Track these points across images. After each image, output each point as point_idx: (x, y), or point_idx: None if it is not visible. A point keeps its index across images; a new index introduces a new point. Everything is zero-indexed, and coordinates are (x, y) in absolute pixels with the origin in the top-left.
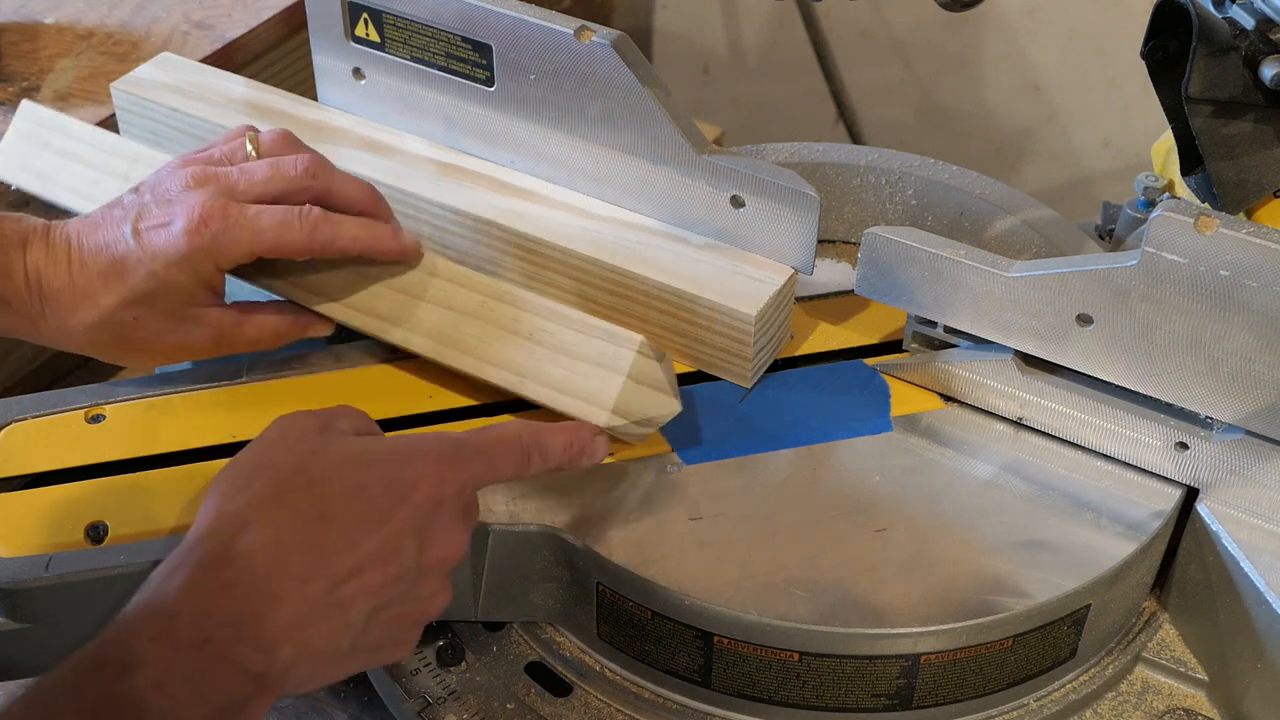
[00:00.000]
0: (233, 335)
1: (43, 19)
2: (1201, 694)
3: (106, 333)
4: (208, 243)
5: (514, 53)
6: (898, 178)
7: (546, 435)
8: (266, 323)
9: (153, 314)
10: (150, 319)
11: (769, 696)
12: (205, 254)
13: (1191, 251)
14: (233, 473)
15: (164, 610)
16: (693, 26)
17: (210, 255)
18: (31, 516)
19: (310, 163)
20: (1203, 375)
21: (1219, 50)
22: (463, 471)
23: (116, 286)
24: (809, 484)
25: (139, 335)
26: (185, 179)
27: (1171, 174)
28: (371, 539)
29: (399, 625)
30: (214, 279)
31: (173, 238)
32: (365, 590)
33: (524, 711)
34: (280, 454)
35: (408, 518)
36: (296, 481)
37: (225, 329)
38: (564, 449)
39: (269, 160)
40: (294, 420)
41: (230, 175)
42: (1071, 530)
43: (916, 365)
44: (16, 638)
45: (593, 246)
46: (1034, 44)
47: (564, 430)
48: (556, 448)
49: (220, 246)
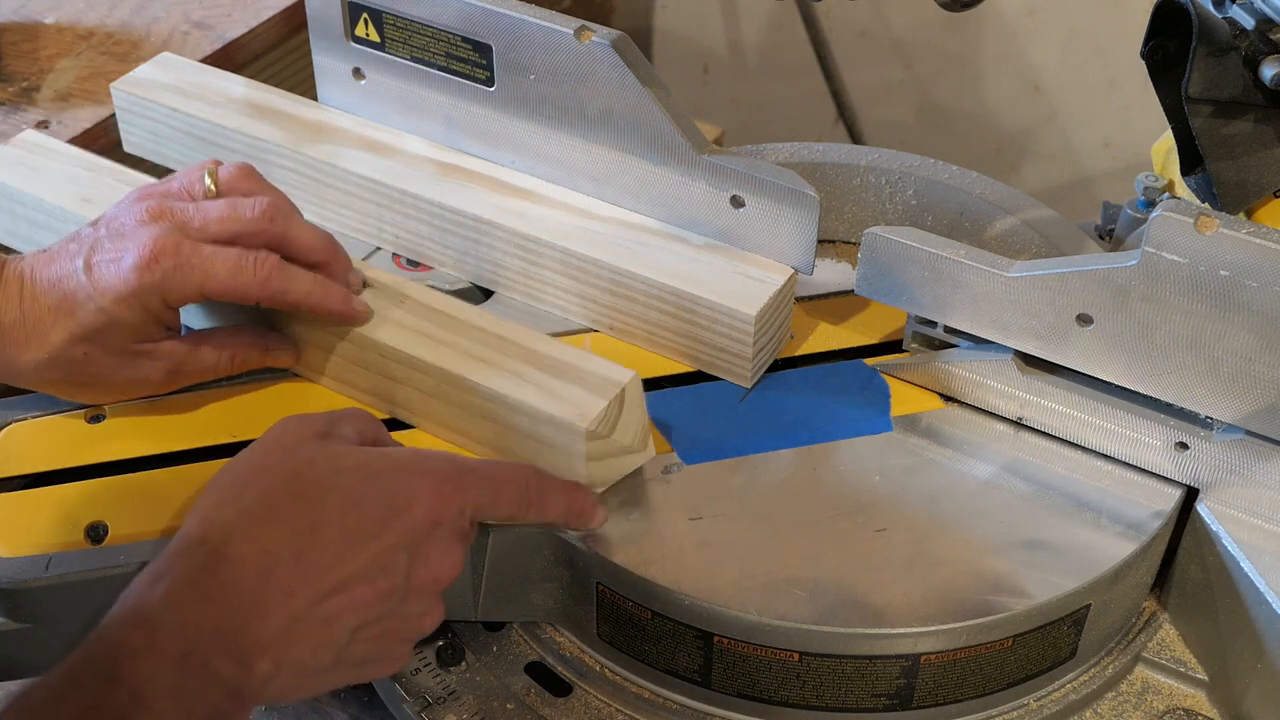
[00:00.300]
0: (189, 364)
1: (43, 19)
2: (1201, 694)
3: (57, 370)
4: (158, 280)
5: (514, 53)
6: (898, 178)
7: (550, 490)
8: (224, 345)
9: (103, 350)
10: (100, 355)
11: (769, 696)
12: (154, 291)
13: (1191, 251)
14: (227, 478)
15: (148, 620)
16: (693, 26)
17: (159, 292)
18: (31, 516)
19: (268, 206)
20: (1203, 375)
21: (1219, 50)
22: (464, 495)
23: (66, 322)
24: (809, 484)
25: (90, 371)
26: (140, 213)
27: (1171, 174)
28: (362, 554)
29: (385, 642)
30: (164, 315)
31: (123, 273)
32: (351, 605)
33: (524, 711)
34: (276, 461)
35: (401, 534)
36: (289, 491)
37: (180, 359)
38: (563, 509)
39: (227, 200)
40: (295, 424)
41: (186, 211)
42: (1071, 530)
43: (916, 365)
44: (16, 638)
45: (593, 246)
46: (1034, 44)
47: (568, 490)
48: (557, 505)
49: (170, 284)
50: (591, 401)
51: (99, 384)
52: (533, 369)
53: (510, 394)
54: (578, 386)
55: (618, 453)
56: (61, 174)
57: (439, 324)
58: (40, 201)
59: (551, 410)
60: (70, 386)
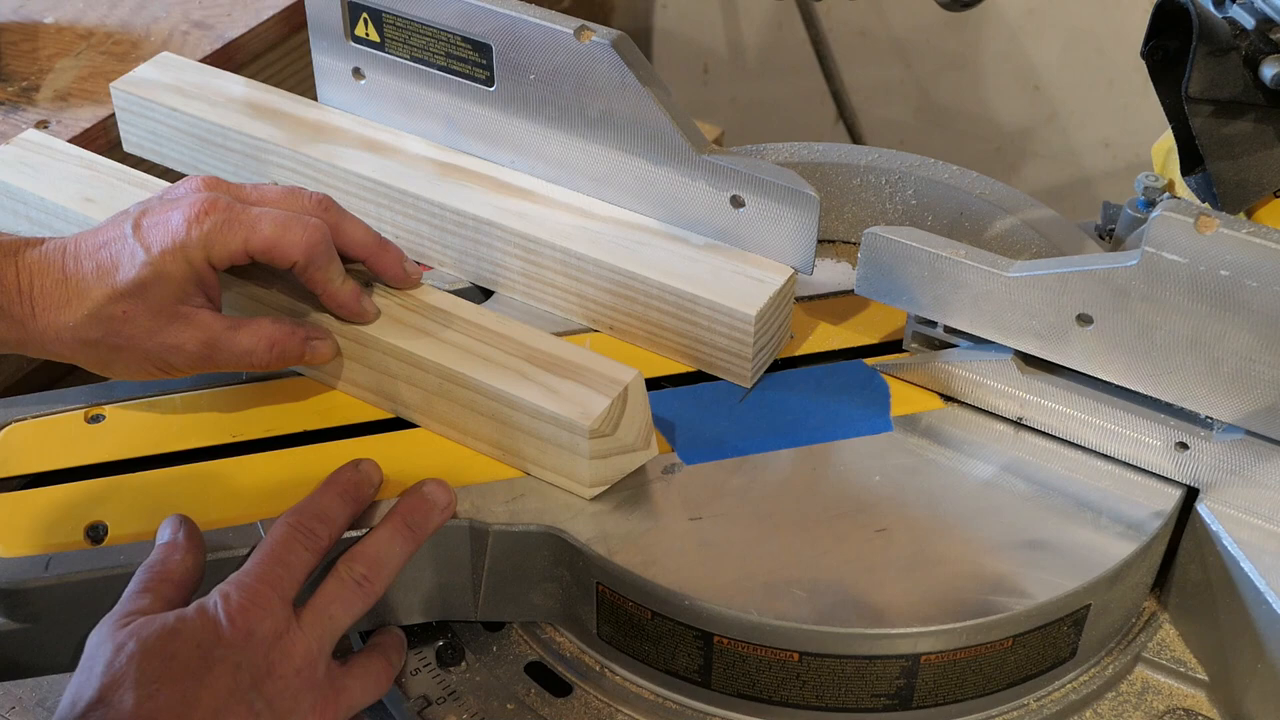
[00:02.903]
0: (225, 342)
1: (42, 19)
2: (1201, 694)
3: (95, 329)
4: (205, 232)
5: (514, 52)
6: (898, 178)
7: (317, 504)
8: (263, 331)
9: (143, 308)
10: (140, 314)
11: (769, 696)
12: (201, 244)
13: (1191, 251)
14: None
15: None
16: (693, 26)
17: (204, 246)
18: (31, 516)
19: (325, 198)
20: (1203, 375)
21: (1219, 50)
22: (260, 600)
23: (109, 279)
24: (809, 484)
25: (127, 333)
26: (197, 184)
27: (1171, 174)
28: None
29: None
30: (207, 275)
31: (170, 227)
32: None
33: (524, 711)
34: (92, 674)
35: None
36: (110, 687)
37: (216, 334)
38: (341, 499)
39: (285, 187)
40: (101, 631)
41: (243, 189)
42: (1071, 530)
43: (916, 365)
44: (16, 638)
45: (593, 246)
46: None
47: (330, 486)
48: (333, 507)
49: (216, 238)
50: (595, 400)
51: (132, 350)
52: (535, 367)
53: (513, 392)
54: (581, 385)
55: (621, 451)
56: (63, 173)
57: (441, 322)
58: (42, 200)
59: (554, 409)
60: (105, 350)
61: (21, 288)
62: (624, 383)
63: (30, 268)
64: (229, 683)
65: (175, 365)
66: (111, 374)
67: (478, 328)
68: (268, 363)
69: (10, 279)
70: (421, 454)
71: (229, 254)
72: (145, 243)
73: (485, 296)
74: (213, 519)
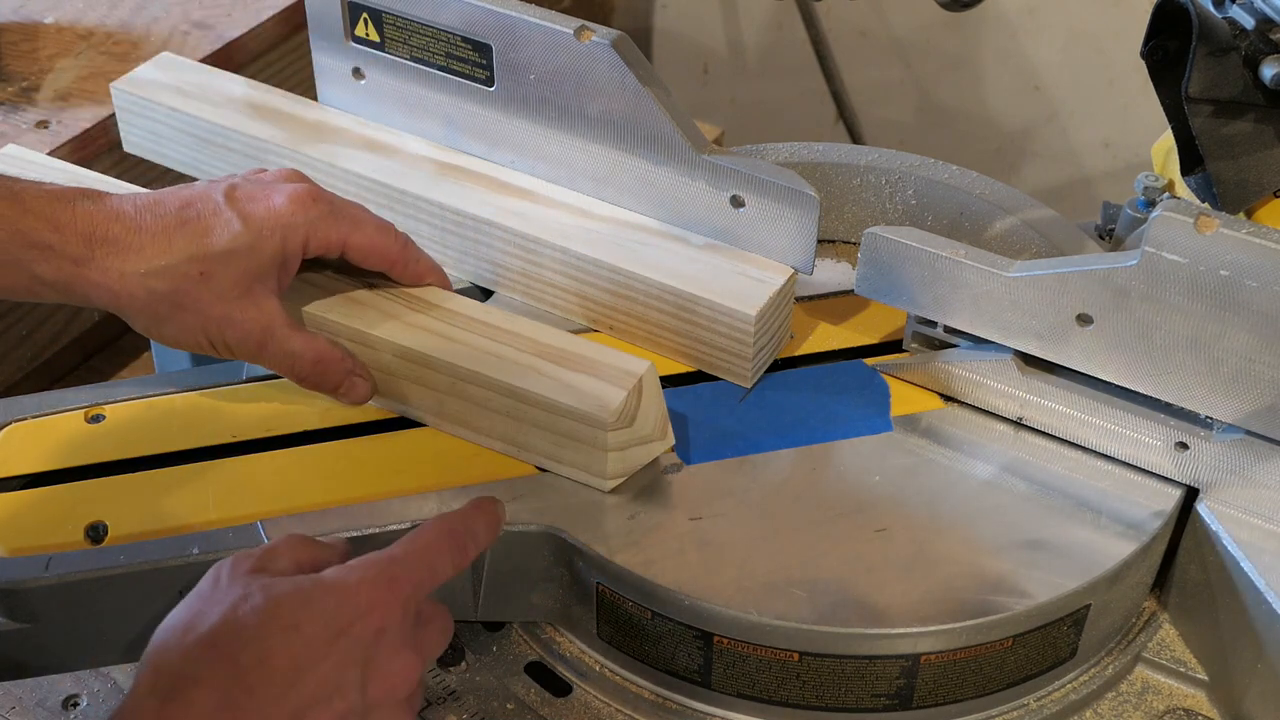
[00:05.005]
0: (281, 337)
1: (42, 19)
2: (1201, 694)
3: (165, 282)
4: (312, 218)
5: (514, 53)
6: (898, 178)
7: (469, 521)
8: (316, 344)
9: (223, 274)
10: (218, 279)
11: (769, 696)
12: (303, 228)
13: (1191, 251)
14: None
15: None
16: (693, 26)
17: (305, 230)
18: (31, 516)
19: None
20: (1203, 375)
21: (1219, 50)
22: (399, 591)
23: (196, 237)
24: (809, 484)
25: (197, 294)
26: (286, 173)
27: (1171, 174)
28: (310, 679)
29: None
30: (293, 260)
31: (273, 205)
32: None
33: (524, 711)
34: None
35: (348, 652)
36: (230, 629)
37: (277, 325)
38: (486, 529)
39: None
40: (229, 565)
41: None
42: (1071, 530)
43: (916, 365)
44: (16, 638)
45: (593, 246)
46: (1034, 44)
47: (479, 509)
48: (481, 530)
49: (320, 226)
50: (611, 393)
51: (194, 313)
52: (548, 363)
53: (530, 389)
54: (595, 378)
55: (639, 442)
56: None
57: (448, 321)
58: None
59: (573, 403)
60: (166, 306)
61: (79, 229)
62: (638, 374)
63: (91, 214)
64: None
65: (226, 342)
66: (159, 333)
67: (484, 325)
68: (305, 375)
69: (67, 220)
70: (422, 454)
71: (325, 244)
72: (243, 213)
73: (485, 296)
74: (213, 519)
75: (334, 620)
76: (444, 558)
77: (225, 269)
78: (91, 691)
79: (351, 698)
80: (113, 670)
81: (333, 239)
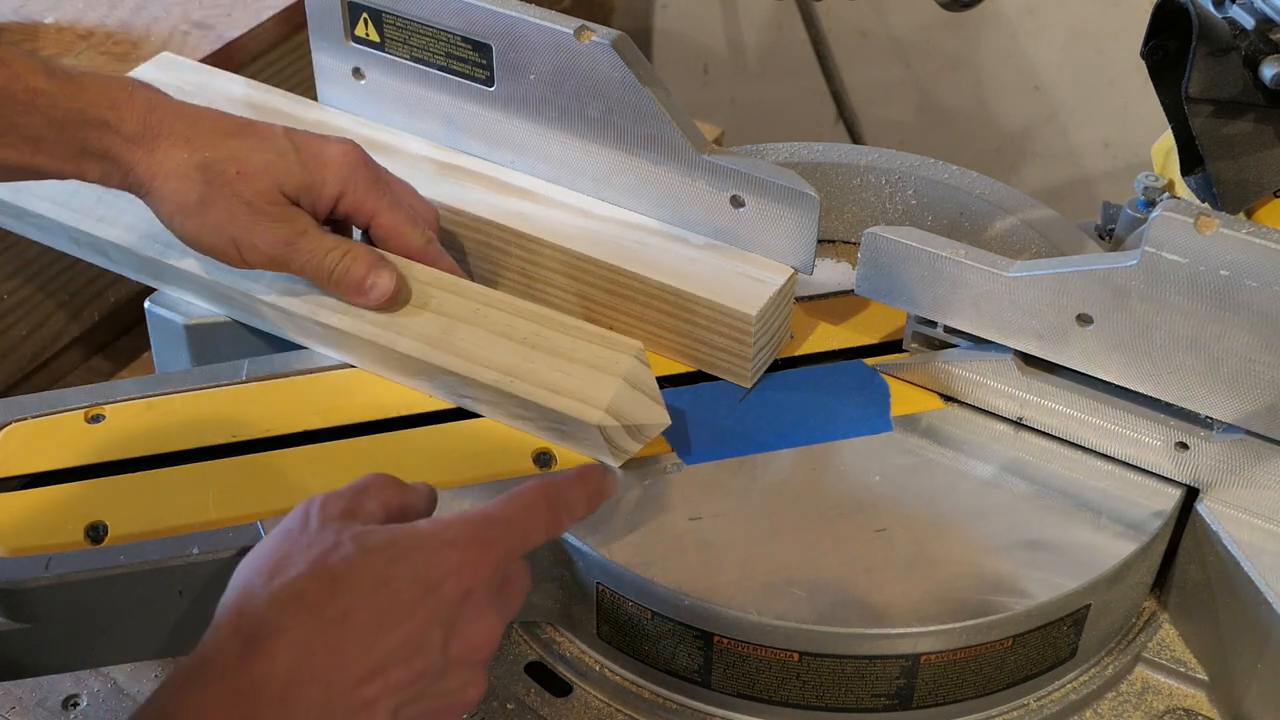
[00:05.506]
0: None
1: (42, 19)
2: (1201, 694)
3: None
4: (357, 175)
5: (514, 52)
6: (898, 178)
7: (568, 490)
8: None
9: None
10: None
11: (769, 696)
12: (342, 179)
13: (1191, 251)
14: (253, 567)
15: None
16: (693, 26)
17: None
18: (31, 516)
19: None
20: (1203, 375)
21: (1219, 50)
22: (492, 554)
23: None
24: (809, 484)
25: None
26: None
27: (1171, 174)
28: (395, 635)
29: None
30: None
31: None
32: (388, 689)
33: (524, 711)
34: (302, 549)
35: (434, 610)
36: (318, 578)
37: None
38: (587, 501)
39: None
40: (318, 507)
41: None
42: (1071, 530)
43: (916, 365)
44: (16, 638)
45: (593, 246)
46: (1034, 44)
47: (582, 480)
48: (580, 501)
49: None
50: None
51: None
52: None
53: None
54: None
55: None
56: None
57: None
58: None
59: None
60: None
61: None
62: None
63: (150, 101)
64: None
65: (254, 241)
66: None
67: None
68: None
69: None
70: (422, 453)
71: (357, 206)
72: (296, 142)
73: None
74: (213, 519)
75: (423, 577)
76: (539, 525)
77: (265, 177)
78: (91, 691)
79: (432, 657)
80: (113, 670)
81: (366, 205)
